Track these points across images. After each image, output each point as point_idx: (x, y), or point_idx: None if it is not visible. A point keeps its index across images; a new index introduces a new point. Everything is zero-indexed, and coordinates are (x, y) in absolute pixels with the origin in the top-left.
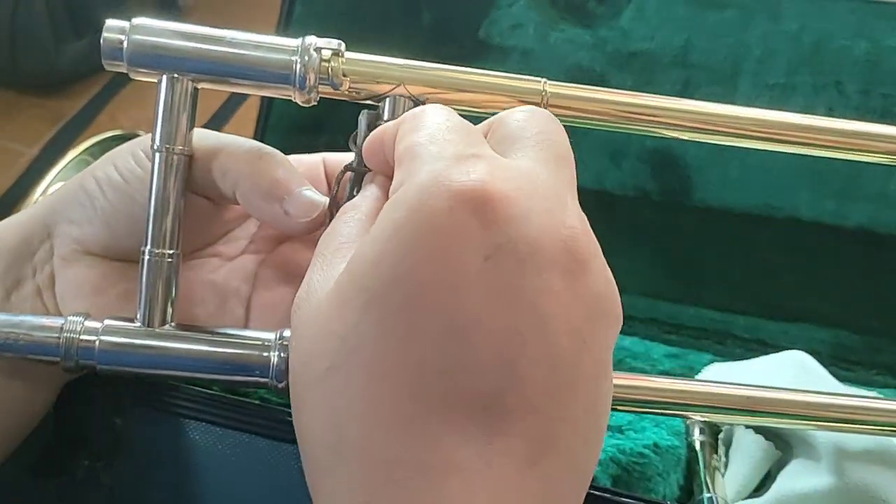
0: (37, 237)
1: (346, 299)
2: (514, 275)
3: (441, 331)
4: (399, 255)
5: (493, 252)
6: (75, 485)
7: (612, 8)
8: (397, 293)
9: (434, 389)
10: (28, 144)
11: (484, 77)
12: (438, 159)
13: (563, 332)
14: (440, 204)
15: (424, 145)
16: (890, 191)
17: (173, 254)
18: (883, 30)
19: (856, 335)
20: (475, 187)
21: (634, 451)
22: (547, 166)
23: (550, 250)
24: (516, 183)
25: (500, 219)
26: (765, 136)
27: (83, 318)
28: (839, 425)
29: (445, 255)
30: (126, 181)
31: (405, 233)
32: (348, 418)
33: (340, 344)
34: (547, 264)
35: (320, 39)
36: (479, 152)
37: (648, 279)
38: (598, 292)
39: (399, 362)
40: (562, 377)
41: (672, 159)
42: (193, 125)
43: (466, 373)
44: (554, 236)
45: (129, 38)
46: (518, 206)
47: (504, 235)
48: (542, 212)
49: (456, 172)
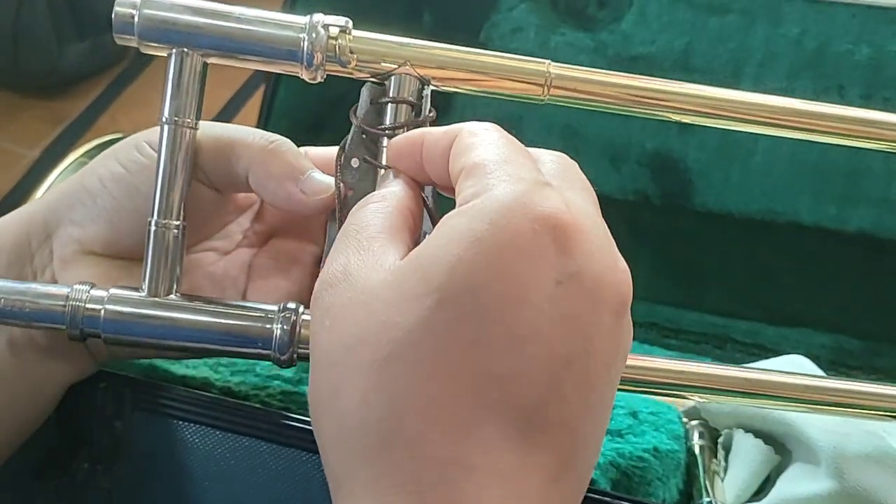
0: (35, 238)
1: (415, 294)
2: (577, 303)
3: (505, 340)
4: (477, 265)
5: (565, 279)
6: (75, 487)
7: (614, 12)
8: (471, 300)
9: (490, 395)
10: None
11: (489, 58)
12: (518, 181)
13: (601, 363)
14: (524, 224)
15: (499, 164)
16: (891, 195)
17: (179, 225)
18: (884, 34)
19: (855, 340)
20: (556, 214)
21: (634, 455)
22: (595, 210)
23: (609, 289)
24: (587, 218)
25: (576, 249)
26: (769, 121)
27: (89, 286)
28: (836, 409)
29: (522, 272)
30: (130, 172)
31: (486, 245)
32: (405, 410)
33: (404, 335)
34: (604, 301)
35: (328, 17)
36: (548, 181)
37: (648, 283)
38: (628, 335)
39: (463, 364)
40: (592, 403)
41: (672, 163)
42: (202, 100)
43: (519, 383)
44: (612, 277)
45: (140, 12)
46: (590, 240)
47: (577, 265)
48: (606, 251)
49: (538, 196)
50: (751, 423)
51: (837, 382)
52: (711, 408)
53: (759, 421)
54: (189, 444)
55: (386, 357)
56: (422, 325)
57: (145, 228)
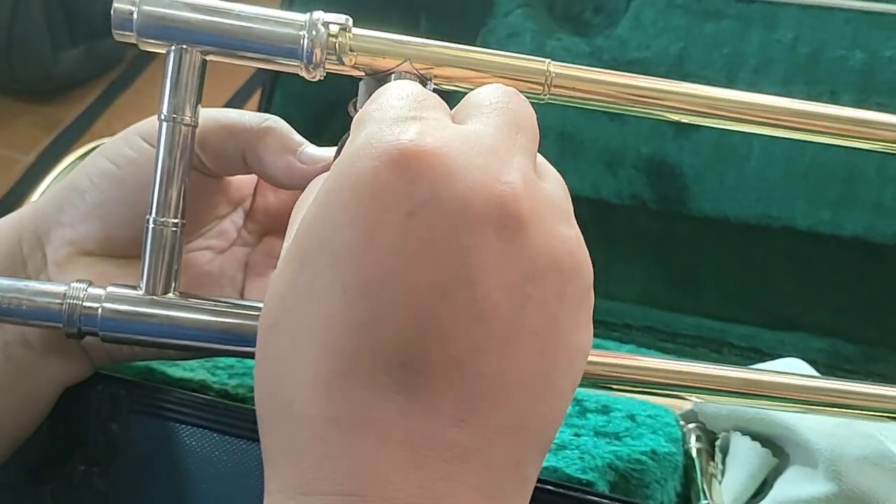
0: (26, 243)
1: (287, 261)
2: (438, 231)
3: (359, 286)
4: (326, 218)
5: (417, 208)
6: (71, 489)
7: (609, 17)
8: (324, 253)
9: (352, 345)
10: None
11: (489, 56)
12: (376, 122)
13: (496, 287)
14: (366, 164)
15: (371, 112)
16: (885, 200)
17: (177, 223)
18: (878, 40)
19: (851, 344)
20: (402, 146)
21: (632, 458)
22: (496, 129)
23: (482, 207)
24: (449, 141)
25: (426, 175)
26: (767, 121)
27: (86, 284)
28: (834, 410)
29: (367, 214)
30: (117, 166)
31: (333, 196)
32: (282, 375)
33: (279, 303)
34: (478, 221)
35: (328, 14)
36: (421, 115)
37: (645, 287)
38: (545, 249)
39: (323, 319)
40: (495, 333)
41: (668, 168)
42: (201, 97)
43: (379, 328)
44: (486, 192)
45: (139, 8)
46: (446, 162)
47: (429, 191)
48: (475, 168)
49: (388, 133)
50: (748, 426)
51: (835, 383)
52: (709, 411)
53: (756, 424)
54: (186, 447)
55: (269, 326)
56: (290, 290)
57: (136, 222)
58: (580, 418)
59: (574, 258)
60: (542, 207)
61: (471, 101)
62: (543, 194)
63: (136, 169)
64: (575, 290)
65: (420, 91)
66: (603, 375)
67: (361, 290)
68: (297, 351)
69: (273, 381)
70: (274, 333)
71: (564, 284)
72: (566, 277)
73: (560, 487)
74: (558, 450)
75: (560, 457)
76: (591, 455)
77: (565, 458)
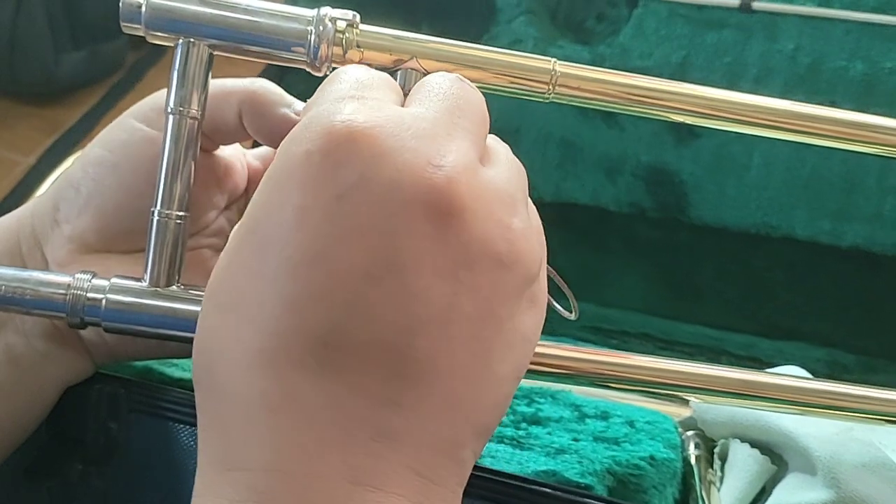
0: (25, 243)
1: (230, 241)
2: (366, 215)
3: (287, 268)
4: (261, 201)
5: (346, 191)
6: (68, 488)
7: (612, 25)
8: (258, 234)
9: (281, 326)
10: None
11: (495, 54)
12: (316, 104)
13: (427, 273)
14: (298, 149)
15: (315, 95)
16: (885, 211)
17: (182, 216)
18: (879, 51)
19: (850, 354)
20: (332, 127)
21: (630, 463)
22: (436, 113)
23: (410, 191)
24: (381, 122)
25: (354, 158)
26: (768, 123)
27: (90, 275)
28: (833, 412)
29: (296, 197)
30: (109, 151)
31: (271, 180)
32: (216, 353)
33: (219, 282)
34: (406, 205)
35: (335, 10)
36: (359, 94)
37: (643, 295)
38: (478, 235)
39: (254, 299)
40: (425, 315)
41: (668, 176)
42: (207, 91)
43: (307, 309)
44: (415, 176)
45: (147, 1)
46: (376, 143)
47: (356, 174)
48: (406, 151)
49: (322, 115)
50: (747, 433)
51: (832, 385)
52: (707, 418)
53: (755, 431)
54: (184, 446)
55: (213, 306)
56: (228, 268)
57: (134, 208)
58: (579, 423)
59: (513, 246)
60: (479, 193)
61: (418, 87)
62: (484, 180)
63: (129, 151)
64: (513, 279)
65: (369, 75)
66: (601, 374)
67: (291, 272)
68: (230, 329)
69: (207, 357)
70: (211, 311)
71: (500, 272)
72: (503, 265)
73: (558, 491)
74: (557, 454)
75: (559, 461)
76: (590, 459)
77: (564, 462)
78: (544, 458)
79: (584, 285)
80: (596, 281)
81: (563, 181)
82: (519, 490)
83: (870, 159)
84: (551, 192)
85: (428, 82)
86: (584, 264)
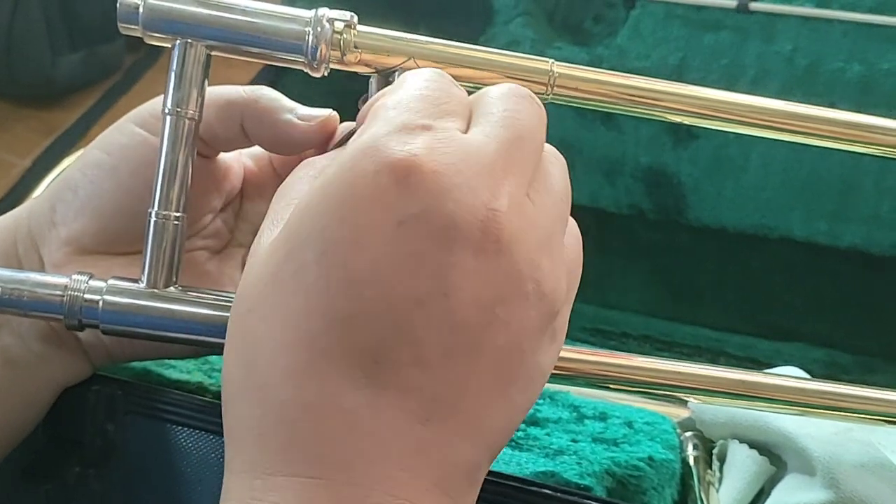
0: (21, 244)
1: (275, 248)
2: (423, 244)
3: (343, 284)
4: (320, 212)
5: (407, 220)
6: (66, 490)
7: (609, 27)
8: (312, 246)
9: (330, 338)
10: (21, 156)
11: (493, 56)
12: (386, 125)
13: (468, 303)
14: (367, 167)
15: (386, 108)
16: (882, 212)
17: (179, 217)
18: (876, 52)
19: (848, 354)
20: (404, 158)
21: (629, 464)
22: (499, 145)
23: (465, 228)
24: (449, 158)
25: (420, 190)
26: (766, 123)
27: (87, 276)
28: (831, 413)
29: (360, 215)
30: (108, 154)
31: (331, 190)
32: (256, 357)
33: (262, 288)
34: (458, 239)
35: (333, 11)
36: (430, 124)
37: (643, 297)
38: (514, 275)
39: (306, 310)
40: (463, 343)
41: (666, 178)
42: (204, 92)
43: (358, 324)
44: (471, 215)
45: (145, 2)
46: (442, 181)
47: (420, 206)
48: (467, 189)
49: (394, 141)
50: (745, 433)
51: (830, 386)
52: (706, 419)
53: (753, 432)
54: (182, 448)
55: (248, 310)
56: (274, 278)
57: (131, 211)
58: (578, 424)
59: (539, 286)
60: (521, 234)
61: (483, 100)
62: (527, 218)
63: (128, 154)
64: (538, 316)
65: (440, 91)
66: (600, 375)
67: (345, 288)
68: (274, 337)
69: (246, 362)
70: (252, 317)
71: (528, 309)
72: (530, 304)
73: (558, 492)
74: (556, 455)
75: (557, 462)
76: (589, 461)
77: (563, 463)
78: (543, 459)
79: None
80: (595, 282)
81: None
82: (518, 491)
83: (867, 161)
84: None
85: (494, 98)
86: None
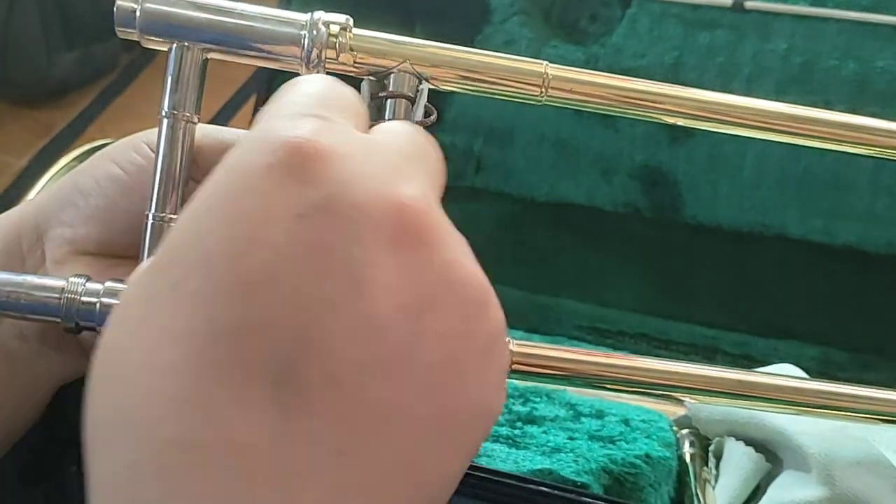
0: (26, 239)
1: (151, 265)
2: (329, 237)
3: (233, 289)
4: (204, 216)
5: (309, 211)
6: (63, 490)
7: (605, 25)
8: (194, 253)
9: (217, 352)
10: (17, 155)
11: (487, 58)
12: (274, 118)
13: (390, 306)
14: (257, 160)
15: (270, 107)
16: (877, 210)
17: (176, 219)
18: (871, 50)
19: (844, 352)
20: (298, 142)
21: (626, 462)
22: (404, 145)
23: (379, 219)
24: (352, 146)
25: (322, 177)
26: (761, 125)
27: (85, 279)
28: (828, 412)
29: (252, 212)
30: (126, 172)
31: (217, 191)
32: (128, 388)
33: (135, 310)
34: (373, 233)
35: (328, 14)
36: (324, 115)
37: (638, 295)
38: (444, 274)
39: (185, 325)
40: (384, 355)
41: (662, 176)
42: (202, 95)
43: (252, 336)
44: (385, 203)
45: (142, 5)
46: (347, 166)
47: (322, 194)
48: (377, 177)
49: (283, 128)
50: (742, 431)
51: (827, 385)
52: (702, 416)
53: (749, 429)
54: None
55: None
56: (150, 291)
57: (139, 227)
58: (574, 422)
59: (480, 292)
60: (445, 232)
61: (379, 127)
62: (448, 224)
63: (144, 179)
64: (481, 331)
65: (330, 89)
66: (596, 375)
67: (234, 293)
68: (149, 361)
69: (114, 395)
70: (122, 341)
71: (469, 321)
72: (471, 312)
73: (555, 489)
74: (553, 452)
75: (554, 459)
76: (586, 458)
77: (560, 460)
78: (540, 456)
79: (580, 285)
80: (591, 280)
81: (557, 181)
82: (515, 489)
83: (862, 158)
84: (546, 192)
85: (391, 125)
86: (579, 264)
